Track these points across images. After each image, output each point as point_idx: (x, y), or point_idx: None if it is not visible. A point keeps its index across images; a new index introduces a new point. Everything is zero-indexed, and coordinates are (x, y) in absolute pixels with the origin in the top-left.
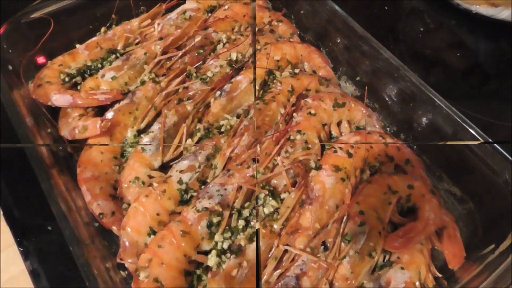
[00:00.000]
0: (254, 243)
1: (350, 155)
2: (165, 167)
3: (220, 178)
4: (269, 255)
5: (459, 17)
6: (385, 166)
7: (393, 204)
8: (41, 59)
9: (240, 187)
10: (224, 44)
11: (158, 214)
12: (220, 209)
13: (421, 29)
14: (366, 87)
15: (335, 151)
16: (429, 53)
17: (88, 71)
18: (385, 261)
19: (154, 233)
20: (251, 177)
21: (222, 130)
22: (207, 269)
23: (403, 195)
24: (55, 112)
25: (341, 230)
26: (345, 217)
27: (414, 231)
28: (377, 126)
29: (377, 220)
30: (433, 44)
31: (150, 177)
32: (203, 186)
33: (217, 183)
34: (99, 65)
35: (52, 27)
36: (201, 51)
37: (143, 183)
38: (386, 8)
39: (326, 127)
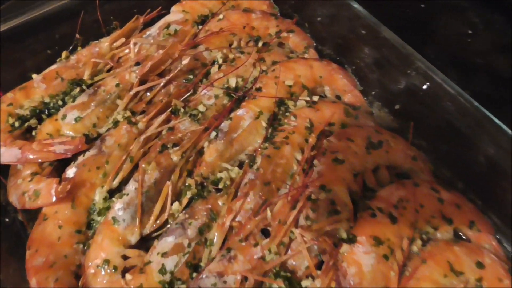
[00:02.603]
0: None
1: (394, 219)
2: (145, 239)
3: (218, 263)
4: None
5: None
6: (440, 231)
7: None
8: None
9: (245, 278)
10: (219, 66)
11: None
12: None
13: (464, 30)
14: (412, 124)
15: (374, 215)
16: (472, 58)
17: (46, 110)
18: None
19: None
20: (260, 260)
21: (220, 186)
22: None
23: (470, 278)
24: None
25: None
26: None
27: None
28: (425, 172)
29: None
30: (477, 47)
31: (125, 257)
32: (194, 274)
33: (213, 272)
34: (60, 102)
35: None
36: (190, 77)
37: (115, 268)
38: (422, 5)
39: (358, 177)
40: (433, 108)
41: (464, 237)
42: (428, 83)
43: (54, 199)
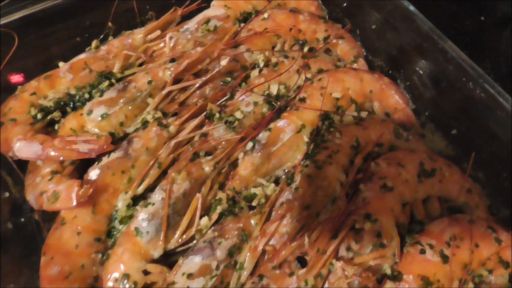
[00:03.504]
0: None
1: (445, 258)
2: (168, 254)
3: None
4: None
5: None
6: (495, 274)
7: None
8: (16, 77)
9: None
10: (260, 70)
11: None
12: None
13: None
14: (473, 154)
15: (423, 251)
16: None
17: (71, 103)
18: None
19: None
20: None
21: (254, 203)
22: None
23: None
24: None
25: None
26: None
27: None
28: (481, 207)
29: None
30: None
31: (146, 273)
32: None
33: None
34: (87, 95)
35: (17, 43)
36: (228, 79)
37: (135, 283)
38: (482, 18)
39: (406, 207)
40: (494, 136)
41: None
42: (493, 107)
43: (74, 203)
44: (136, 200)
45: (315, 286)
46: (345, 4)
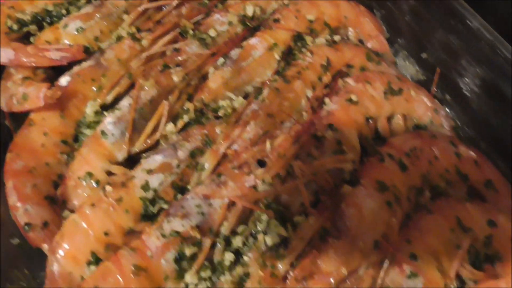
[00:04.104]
0: None
1: (404, 167)
2: (134, 161)
3: (205, 186)
4: None
5: None
6: (454, 188)
7: (465, 248)
8: None
9: (232, 203)
10: None
11: (107, 234)
12: (198, 236)
13: None
14: (438, 70)
15: (382, 160)
16: None
17: (48, 18)
18: None
19: (98, 262)
20: (252, 188)
21: (220, 114)
22: None
23: (480, 236)
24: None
25: (380, 281)
26: (386, 262)
27: None
28: (446, 127)
29: (437, 271)
30: None
31: (109, 174)
32: (179, 196)
33: (199, 194)
34: (64, 11)
35: None
36: (206, 1)
37: (97, 182)
38: None
39: (371, 122)
40: (465, 60)
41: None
42: (465, 30)
43: (42, 103)
44: (105, 110)
45: (272, 184)
46: None
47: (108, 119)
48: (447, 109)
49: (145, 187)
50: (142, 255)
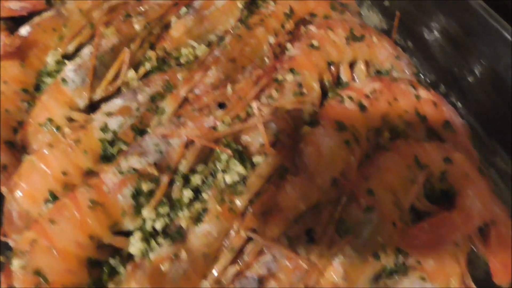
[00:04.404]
0: (203, 226)
1: (363, 108)
2: (96, 109)
3: (164, 127)
4: (224, 245)
5: None
6: (413, 128)
7: (420, 183)
8: None
9: (191, 142)
10: None
11: (65, 174)
12: (156, 173)
13: None
14: (398, 14)
15: (342, 102)
16: None
17: None
18: (398, 265)
19: (56, 200)
20: (211, 129)
21: (182, 61)
22: (128, 258)
23: (435, 172)
24: None
25: (337, 215)
26: (344, 197)
27: (446, 225)
28: (407, 73)
29: (393, 205)
30: None
31: (70, 120)
32: (140, 139)
33: (157, 134)
34: None
35: None
36: None
37: (58, 128)
38: None
39: (333, 67)
40: (427, 9)
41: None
42: None
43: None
44: (68, 59)
45: (231, 125)
46: None
47: (69, 67)
48: (409, 56)
49: (104, 128)
50: (99, 190)
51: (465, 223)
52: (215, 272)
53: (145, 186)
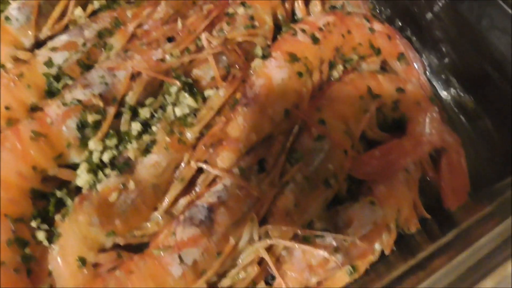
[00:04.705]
0: (151, 156)
1: (315, 40)
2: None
3: (111, 60)
4: (175, 175)
5: None
6: (367, 61)
7: (372, 112)
8: None
9: (138, 74)
10: None
11: (8, 108)
12: (101, 104)
13: None
14: None
15: (295, 34)
16: None
17: None
18: (350, 193)
19: None
20: (159, 61)
21: None
22: (76, 192)
23: (388, 101)
24: None
25: (288, 144)
26: (296, 127)
27: (397, 152)
28: (363, 8)
29: (344, 134)
30: None
31: (16, 59)
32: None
33: (103, 67)
34: None
35: None
36: None
37: (3, 67)
38: None
39: (287, 2)
40: None
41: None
42: None
43: None
44: None
45: (180, 57)
46: None
47: (12, 5)
48: None
49: (48, 63)
50: (42, 122)
51: (414, 148)
52: (165, 203)
53: (91, 118)
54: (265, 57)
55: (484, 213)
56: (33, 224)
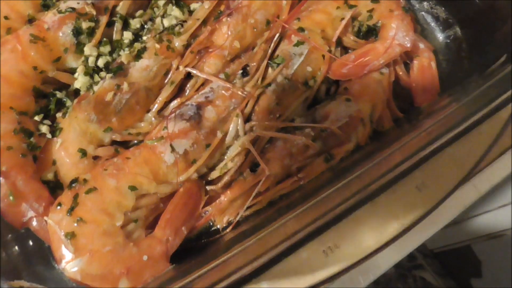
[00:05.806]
0: (142, 61)
1: None
2: None
3: None
4: (165, 80)
5: None
6: None
7: (347, 19)
8: None
9: None
10: None
11: (6, 18)
12: (94, 12)
13: None
14: None
15: None
16: None
17: None
18: (329, 94)
19: None
20: None
21: None
22: (75, 95)
23: (363, 11)
24: None
25: (270, 50)
26: (277, 35)
27: (370, 54)
28: None
29: (321, 39)
30: None
31: None
32: None
33: None
34: None
35: None
36: None
37: None
38: None
39: None
40: None
41: None
42: None
43: None
44: None
45: None
46: None
47: None
48: None
49: None
50: (40, 28)
51: (387, 50)
52: (157, 104)
53: (85, 25)
54: None
55: (451, 110)
56: (37, 118)
